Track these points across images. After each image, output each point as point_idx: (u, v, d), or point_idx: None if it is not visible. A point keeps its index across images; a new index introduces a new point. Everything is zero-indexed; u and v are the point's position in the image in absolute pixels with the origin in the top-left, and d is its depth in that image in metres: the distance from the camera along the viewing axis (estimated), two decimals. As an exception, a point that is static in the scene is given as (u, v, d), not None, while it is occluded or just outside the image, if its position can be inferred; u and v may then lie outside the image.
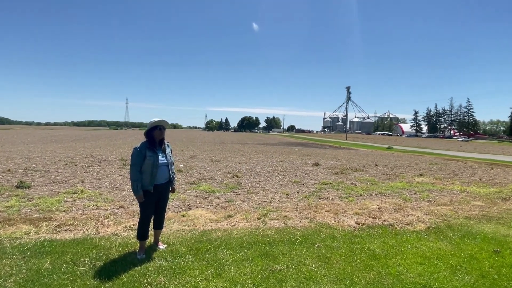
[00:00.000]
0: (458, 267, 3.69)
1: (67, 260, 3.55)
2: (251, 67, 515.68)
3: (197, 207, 6.12)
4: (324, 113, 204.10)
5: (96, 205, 5.99)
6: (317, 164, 13.68)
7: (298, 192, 7.85)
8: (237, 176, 9.94)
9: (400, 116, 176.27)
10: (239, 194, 7.47)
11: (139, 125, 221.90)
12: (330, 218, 5.55)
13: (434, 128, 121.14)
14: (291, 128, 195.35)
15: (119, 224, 4.90)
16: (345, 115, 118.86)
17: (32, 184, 7.66)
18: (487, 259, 3.94)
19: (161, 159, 3.82)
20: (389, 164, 15.36)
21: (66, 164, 11.42)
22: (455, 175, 12.06)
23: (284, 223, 5.23)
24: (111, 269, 3.38)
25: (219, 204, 6.37)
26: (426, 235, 4.82)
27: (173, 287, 3.11)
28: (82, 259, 3.57)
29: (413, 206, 6.70)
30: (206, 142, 36.71)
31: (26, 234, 4.35)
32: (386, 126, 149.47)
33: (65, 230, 4.60)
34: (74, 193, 6.88)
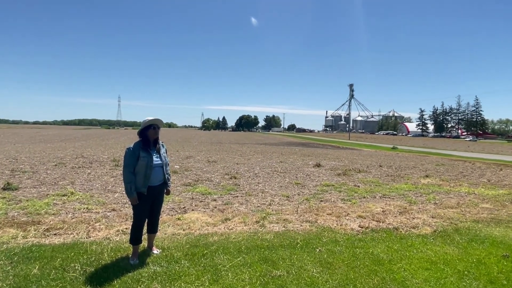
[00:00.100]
0: (465, 272, 3.70)
1: (56, 266, 3.54)
2: (250, 63, 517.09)
3: (193, 210, 6.12)
4: (326, 111, 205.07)
5: (87, 208, 5.98)
6: (318, 165, 13.70)
7: (298, 194, 7.87)
8: (235, 178, 9.95)
9: (406, 115, 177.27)
10: (237, 196, 7.47)
11: (132, 124, 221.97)
12: (332, 222, 5.56)
13: (440, 128, 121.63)
14: (292, 127, 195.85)
15: (111, 228, 4.89)
16: (348, 114, 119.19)
17: (19, 186, 7.63)
18: (495, 264, 3.95)
19: (156, 159, 3.82)
20: (393, 165, 15.40)
21: (56, 165, 11.39)
22: (463, 176, 12.11)
23: (284, 226, 5.24)
24: (102, 275, 3.37)
25: (216, 207, 6.37)
26: (433, 239, 4.83)
27: (168, 294, 3.11)
28: (72, 265, 3.56)
29: (419, 208, 6.72)
30: (202, 142, 36.71)
31: (13, 239, 4.33)
32: (391, 125, 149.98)
33: (54, 234, 4.59)
34: (63, 195, 6.87)
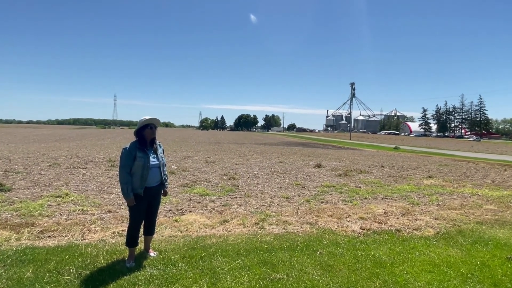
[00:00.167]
0: (469, 275, 3.71)
1: (50, 269, 3.54)
2: (249, 62, 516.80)
3: (190, 211, 6.13)
4: (327, 111, 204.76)
5: (82, 209, 5.98)
6: (319, 166, 13.72)
7: (298, 196, 7.88)
8: (234, 178, 9.96)
9: (408, 114, 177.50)
10: (236, 197, 7.48)
11: (128, 124, 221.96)
12: (333, 223, 5.57)
13: (444, 127, 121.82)
14: (292, 127, 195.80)
15: (107, 230, 4.90)
16: (349, 113, 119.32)
17: (12, 187, 7.63)
18: (500, 266, 3.97)
19: (152, 160, 3.82)
20: (396, 165, 15.43)
21: (50, 166, 11.38)
22: (466, 177, 12.15)
23: (284, 228, 5.25)
24: (98, 278, 3.38)
25: (214, 208, 6.38)
26: (435, 241, 4.85)
27: (165, 297, 3.12)
28: (67, 268, 3.57)
29: (422, 210, 6.73)
30: (200, 142, 36.69)
31: (6, 241, 4.33)
32: (393, 125, 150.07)
33: (49, 236, 4.59)
34: (58, 196, 6.86)
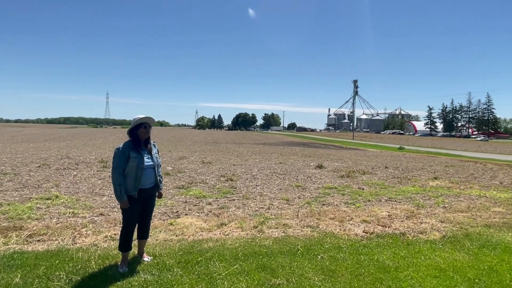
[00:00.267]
0: (476, 280, 3.72)
1: (40, 274, 3.52)
2: (247, 58, 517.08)
3: (186, 214, 6.12)
4: (329, 109, 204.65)
5: (72, 212, 5.97)
6: (320, 167, 13.73)
7: (299, 198, 7.88)
8: (232, 180, 9.96)
9: (413, 113, 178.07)
10: (234, 199, 7.48)
11: (121, 123, 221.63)
12: (335, 227, 5.58)
13: (450, 127, 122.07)
14: (292, 126, 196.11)
15: (99, 233, 4.88)
16: (352, 112, 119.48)
17: (0, 189, 7.60)
18: (508, 271, 3.98)
19: (147, 160, 3.82)
20: (400, 166, 15.46)
21: (39, 166, 11.35)
22: (473, 178, 12.17)
23: (283, 232, 5.25)
24: (89, 284, 3.37)
25: (211, 211, 6.37)
26: (441, 245, 4.85)
27: (160, 304, 3.11)
28: (57, 273, 3.55)
29: (427, 212, 6.75)
30: (196, 142, 36.68)
31: (-7, 245, 4.31)
32: (397, 124, 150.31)
33: (38, 240, 4.57)
34: (48, 199, 6.84)
